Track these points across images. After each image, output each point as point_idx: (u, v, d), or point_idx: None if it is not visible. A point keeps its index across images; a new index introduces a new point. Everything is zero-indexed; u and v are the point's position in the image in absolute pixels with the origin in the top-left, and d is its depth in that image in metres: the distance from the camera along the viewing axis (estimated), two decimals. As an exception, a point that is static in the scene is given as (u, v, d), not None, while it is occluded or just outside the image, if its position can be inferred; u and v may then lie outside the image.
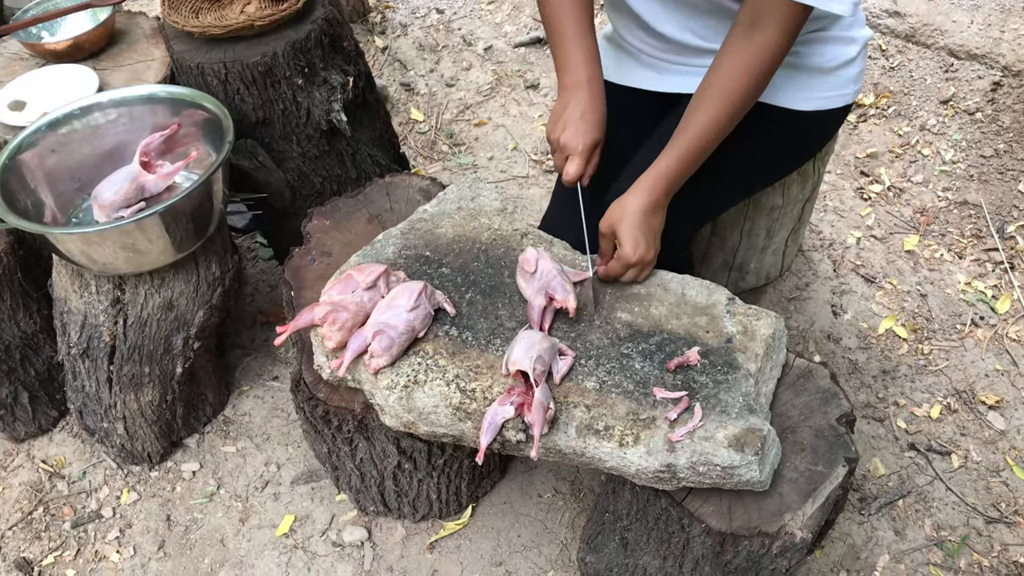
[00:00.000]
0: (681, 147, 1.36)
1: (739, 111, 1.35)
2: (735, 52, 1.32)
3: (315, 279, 1.56)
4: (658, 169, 1.37)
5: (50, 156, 1.67)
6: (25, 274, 1.80)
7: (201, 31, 1.78)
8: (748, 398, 1.26)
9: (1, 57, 2.00)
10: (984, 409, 1.96)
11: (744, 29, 1.30)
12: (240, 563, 1.77)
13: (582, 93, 1.41)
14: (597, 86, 1.43)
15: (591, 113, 1.41)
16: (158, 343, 1.73)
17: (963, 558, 1.72)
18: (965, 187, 2.46)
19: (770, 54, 1.30)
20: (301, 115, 1.87)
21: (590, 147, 1.40)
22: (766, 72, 1.32)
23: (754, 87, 1.33)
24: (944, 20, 2.83)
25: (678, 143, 1.36)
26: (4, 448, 1.99)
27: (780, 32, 1.28)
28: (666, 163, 1.37)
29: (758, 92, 1.35)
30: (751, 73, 1.31)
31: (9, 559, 1.79)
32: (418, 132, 2.81)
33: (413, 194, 1.72)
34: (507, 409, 1.23)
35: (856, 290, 2.23)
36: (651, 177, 1.37)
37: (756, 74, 1.31)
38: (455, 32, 3.20)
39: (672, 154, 1.36)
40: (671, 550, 1.33)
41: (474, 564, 1.74)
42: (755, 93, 1.34)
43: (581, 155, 1.39)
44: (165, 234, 1.55)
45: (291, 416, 2.01)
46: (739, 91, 1.32)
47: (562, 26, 1.44)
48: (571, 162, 1.40)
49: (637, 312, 1.39)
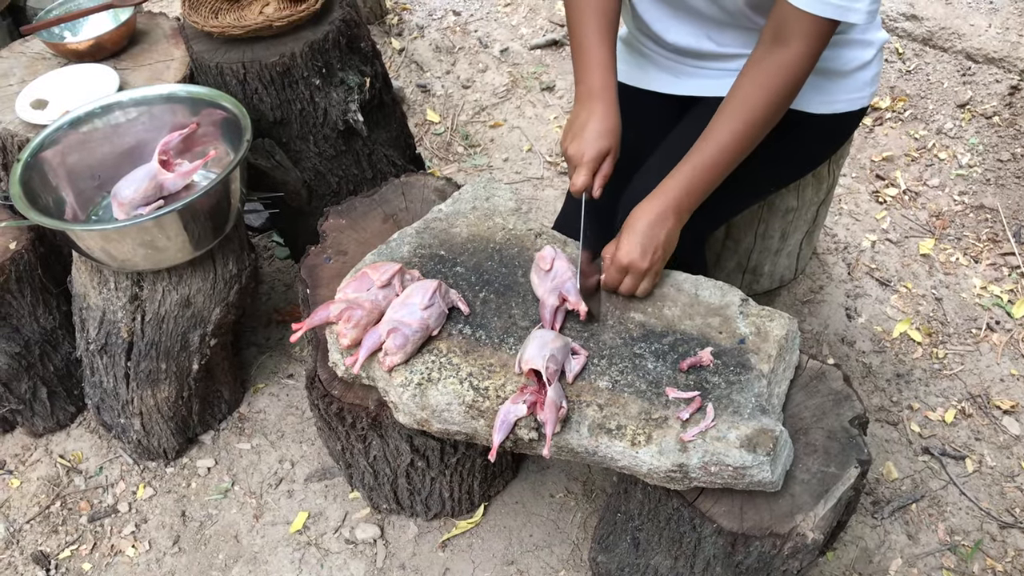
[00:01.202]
0: (697, 161, 1.34)
1: (760, 128, 1.33)
2: (757, 69, 1.30)
3: (331, 277, 1.57)
4: (671, 180, 1.36)
5: (71, 154, 1.70)
6: (45, 271, 1.82)
7: (220, 31, 1.80)
8: (760, 399, 1.26)
9: (24, 56, 2.03)
10: (999, 414, 1.95)
11: (767, 46, 1.29)
12: (254, 559, 1.78)
13: (594, 103, 1.41)
14: (610, 96, 1.42)
15: (601, 123, 1.39)
16: (175, 340, 1.74)
17: (976, 563, 1.71)
18: (981, 191, 2.45)
19: (793, 70, 1.28)
20: (318, 115, 1.89)
21: (596, 158, 1.39)
22: (789, 89, 1.30)
23: (776, 104, 1.31)
24: (961, 24, 2.82)
25: (694, 157, 1.34)
26: (23, 443, 2.01)
27: (803, 47, 1.26)
28: (680, 176, 1.35)
29: (781, 109, 1.33)
30: (773, 90, 1.29)
31: (27, 552, 1.81)
32: (434, 133, 2.83)
33: (428, 194, 1.73)
34: (520, 408, 1.24)
35: (871, 293, 2.22)
36: (664, 187, 1.36)
37: (778, 91, 1.30)
38: (471, 34, 3.21)
39: (687, 167, 1.34)
40: (683, 550, 1.33)
41: (486, 563, 1.74)
42: (777, 110, 1.32)
43: (586, 166, 1.38)
44: (183, 232, 1.57)
45: (305, 414, 2.02)
46: (760, 108, 1.30)
47: (582, 33, 1.44)
48: (577, 173, 1.39)
49: (650, 312, 1.40)
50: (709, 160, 1.33)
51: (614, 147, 1.41)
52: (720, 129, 1.33)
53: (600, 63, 1.43)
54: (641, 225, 1.34)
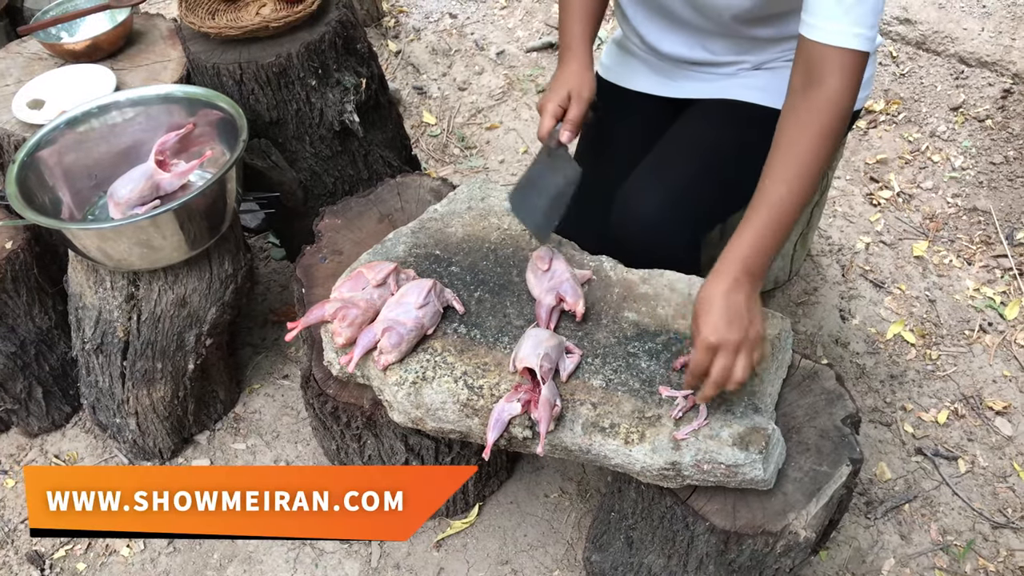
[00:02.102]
0: (757, 222, 1.22)
1: (814, 173, 1.23)
2: (796, 115, 1.22)
3: (326, 277, 1.58)
4: (734, 248, 1.23)
5: (68, 154, 1.70)
6: (41, 270, 1.83)
7: (217, 32, 1.81)
8: (753, 397, 1.27)
9: (21, 57, 2.03)
10: (991, 415, 1.96)
11: (801, 92, 1.22)
12: (249, 559, 1.78)
13: (565, 62, 1.45)
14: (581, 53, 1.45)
15: (564, 72, 1.43)
16: (171, 339, 1.75)
17: (969, 563, 1.72)
18: (974, 193, 2.46)
19: (834, 107, 1.20)
20: (314, 115, 1.90)
21: (558, 102, 1.39)
22: (834, 127, 1.21)
23: (824, 146, 1.22)
24: (955, 27, 2.84)
25: (753, 220, 1.23)
26: (18, 443, 2.01)
27: (840, 83, 1.19)
28: (742, 240, 1.23)
29: (829, 150, 1.23)
30: (817, 132, 1.20)
31: (21, 552, 1.81)
32: (430, 135, 2.83)
33: (424, 194, 1.74)
34: (514, 406, 1.25)
35: (864, 295, 2.23)
36: (726, 257, 1.23)
37: (822, 132, 1.21)
38: (468, 37, 3.22)
39: (747, 231, 1.23)
40: (676, 548, 1.34)
41: (480, 563, 1.75)
42: (826, 152, 1.22)
43: (548, 111, 1.39)
44: (179, 231, 1.57)
45: (301, 414, 2.03)
46: (808, 153, 1.21)
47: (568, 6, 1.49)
48: (541, 120, 1.40)
49: (644, 312, 1.41)
50: (770, 219, 1.22)
51: (577, 91, 1.40)
52: (772, 188, 1.23)
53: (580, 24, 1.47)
54: (716, 299, 1.19)
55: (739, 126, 1.52)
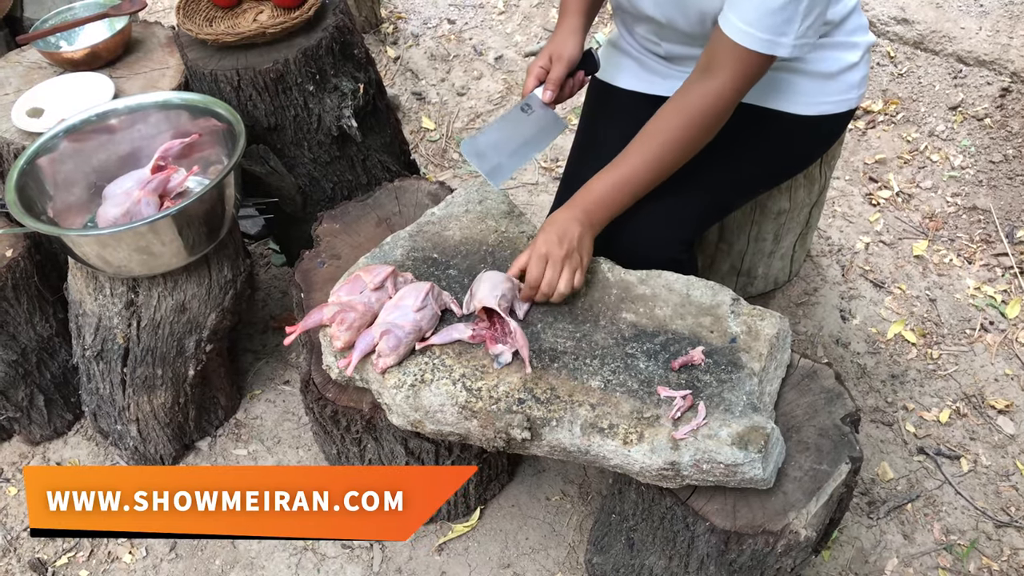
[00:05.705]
0: (608, 181, 1.39)
1: (676, 155, 1.36)
2: (682, 96, 1.34)
3: (324, 281, 1.58)
4: (584, 192, 1.40)
5: (67, 161, 1.71)
6: (41, 278, 1.83)
7: (214, 39, 1.82)
8: (752, 397, 1.26)
9: (20, 66, 2.04)
10: (993, 414, 1.96)
11: (698, 74, 1.33)
12: (251, 564, 1.78)
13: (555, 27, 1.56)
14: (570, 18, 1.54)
15: (552, 38, 1.54)
16: (171, 345, 1.75)
17: (972, 562, 1.71)
18: (974, 192, 2.46)
19: (714, 101, 1.31)
20: (312, 121, 1.90)
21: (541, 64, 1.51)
22: (708, 119, 1.33)
23: (693, 133, 1.34)
24: (952, 27, 2.84)
25: (605, 178, 1.39)
26: (20, 451, 2.01)
27: (728, 79, 1.29)
28: (592, 189, 1.40)
29: (698, 138, 1.36)
30: (693, 118, 1.33)
31: (24, 560, 1.81)
32: (429, 140, 2.84)
33: (422, 198, 1.74)
34: (466, 330, 1.33)
35: (865, 295, 2.23)
36: (575, 199, 1.40)
37: (696, 120, 1.33)
38: (466, 42, 3.23)
39: (599, 183, 1.39)
40: (676, 549, 1.34)
41: (482, 566, 1.75)
42: (694, 139, 1.35)
43: (531, 73, 1.51)
44: (178, 237, 1.58)
45: (302, 420, 2.03)
46: (676, 135, 1.34)
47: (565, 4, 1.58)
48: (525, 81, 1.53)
49: (642, 312, 1.41)
50: (620, 179, 1.38)
51: (558, 53, 1.51)
52: (636, 151, 1.37)
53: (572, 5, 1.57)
54: (556, 221, 1.38)
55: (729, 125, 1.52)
